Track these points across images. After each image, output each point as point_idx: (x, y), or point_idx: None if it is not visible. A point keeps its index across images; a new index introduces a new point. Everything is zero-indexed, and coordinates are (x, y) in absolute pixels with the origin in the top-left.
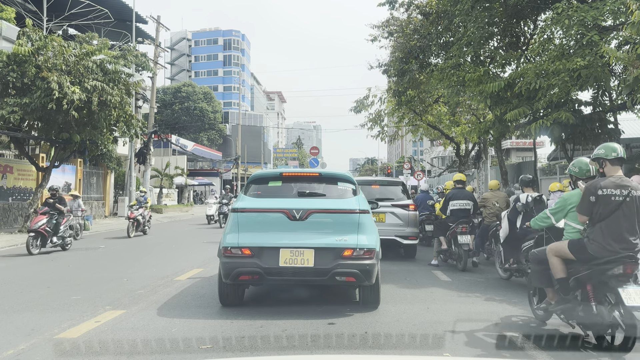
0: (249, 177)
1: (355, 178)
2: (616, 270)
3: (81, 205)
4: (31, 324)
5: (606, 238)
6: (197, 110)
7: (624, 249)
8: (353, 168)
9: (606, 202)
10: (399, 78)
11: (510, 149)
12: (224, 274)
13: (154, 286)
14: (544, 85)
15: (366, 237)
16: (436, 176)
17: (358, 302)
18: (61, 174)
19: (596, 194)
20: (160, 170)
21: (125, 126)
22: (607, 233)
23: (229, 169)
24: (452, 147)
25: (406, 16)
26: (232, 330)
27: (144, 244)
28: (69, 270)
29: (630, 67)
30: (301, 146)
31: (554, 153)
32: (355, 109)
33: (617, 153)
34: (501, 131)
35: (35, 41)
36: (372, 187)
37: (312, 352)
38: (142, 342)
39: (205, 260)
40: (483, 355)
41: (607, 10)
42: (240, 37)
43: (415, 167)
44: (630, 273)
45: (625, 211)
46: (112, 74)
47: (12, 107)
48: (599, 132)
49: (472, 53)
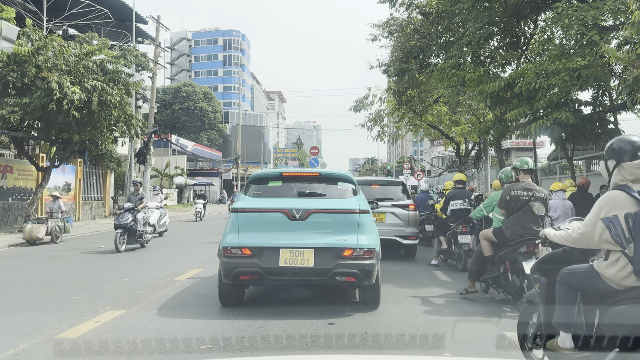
0: (249, 177)
1: (355, 178)
2: (522, 249)
3: (61, 207)
4: (31, 324)
5: (516, 226)
6: (197, 110)
7: (528, 234)
8: (353, 168)
9: (516, 200)
10: (399, 78)
11: (510, 149)
12: (224, 274)
13: (154, 286)
14: (544, 85)
15: (366, 237)
16: (436, 176)
17: (358, 302)
18: (61, 174)
19: (510, 194)
20: (160, 170)
21: (125, 126)
22: (517, 222)
23: (229, 169)
24: (452, 147)
25: (406, 16)
26: (232, 330)
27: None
28: (69, 270)
29: (630, 67)
30: (301, 146)
31: (554, 153)
32: (354, 108)
33: (528, 165)
34: (501, 131)
35: (35, 41)
36: (372, 187)
37: (312, 352)
38: (142, 342)
39: (205, 260)
40: (483, 355)
41: (607, 10)
42: (240, 37)
43: (415, 167)
44: (532, 251)
45: (531, 208)
46: (112, 74)
47: (12, 107)
48: (599, 132)
49: (472, 53)
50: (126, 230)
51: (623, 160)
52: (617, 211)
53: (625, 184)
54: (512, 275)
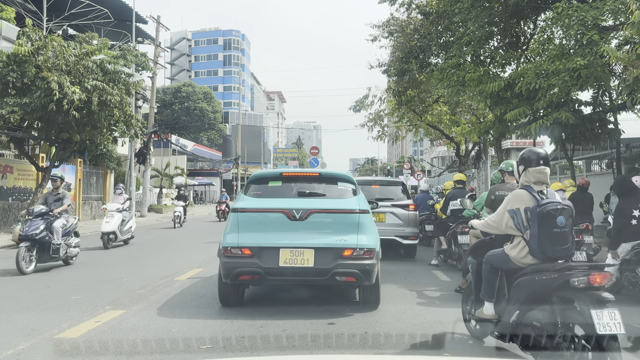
0: (249, 177)
1: (355, 178)
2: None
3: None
4: (31, 324)
5: None
6: (197, 110)
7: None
8: (353, 168)
9: (501, 199)
10: (398, 78)
11: (510, 149)
12: (224, 274)
13: (154, 286)
14: (544, 85)
15: (366, 237)
16: (436, 176)
17: (358, 302)
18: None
19: (495, 194)
20: (160, 170)
21: (125, 126)
22: None
23: (229, 169)
24: (452, 147)
25: (406, 16)
26: (232, 330)
27: (144, 244)
28: (69, 270)
29: (630, 67)
30: (301, 146)
31: (554, 153)
32: (354, 108)
33: (512, 168)
34: (501, 131)
35: (35, 41)
36: (372, 187)
37: (312, 352)
38: (142, 342)
39: (205, 260)
40: (483, 355)
41: (607, 10)
42: (240, 37)
43: (415, 167)
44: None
45: None
46: (112, 73)
47: (12, 107)
48: (599, 132)
49: (472, 53)
50: (35, 244)
51: (530, 166)
52: (519, 205)
53: (528, 185)
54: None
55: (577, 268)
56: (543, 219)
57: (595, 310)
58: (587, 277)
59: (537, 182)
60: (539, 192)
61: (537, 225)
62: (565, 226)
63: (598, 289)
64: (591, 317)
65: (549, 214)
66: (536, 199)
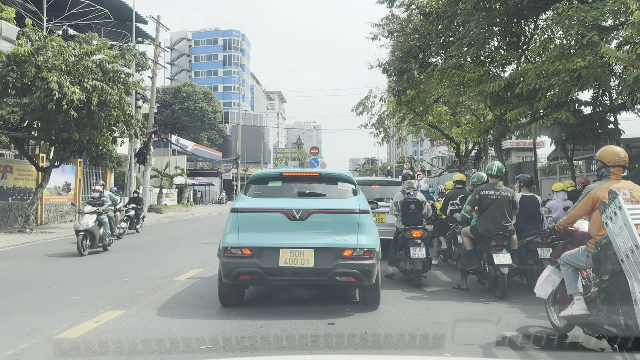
0: (249, 177)
1: (355, 178)
2: (492, 242)
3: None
4: (31, 324)
5: (487, 222)
6: (197, 110)
7: (497, 229)
8: (353, 168)
9: (484, 199)
10: (398, 77)
11: (510, 149)
12: (224, 274)
13: (154, 286)
14: (544, 85)
15: (366, 237)
16: (436, 176)
17: (358, 302)
18: (61, 174)
19: (479, 194)
20: (160, 170)
21: (124, 126)
22: (487, 219)
23: (229, 169)
24: (452, 147)
25: (406, 15)
26: (232, 330)
27: (144, 244)
28: (69, 270)
29: (630, 67)
30: (301, 146)
31: (554, 153)
32: (356, 109)
33: (492, 171)
34: (501, 131)
35: (35, 41)
36: (372, 187)
37: (312, 352)
38: (142, 342)
39: (205, 260)
40: (483, 355)
41: (607, 10)
42: (240, 37)
43: (415, 167)
44: (501, 244)
45: (498, 205)
46: (112, 73)
47: (12, 107)
48: (599, 132)
49: (473, 53)
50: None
51: (406, 179)
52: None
53: (403, 190)
54: (488, 266)
55: None
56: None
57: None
58: None
59: (409, 188)
60: None
61: None
62: None
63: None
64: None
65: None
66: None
